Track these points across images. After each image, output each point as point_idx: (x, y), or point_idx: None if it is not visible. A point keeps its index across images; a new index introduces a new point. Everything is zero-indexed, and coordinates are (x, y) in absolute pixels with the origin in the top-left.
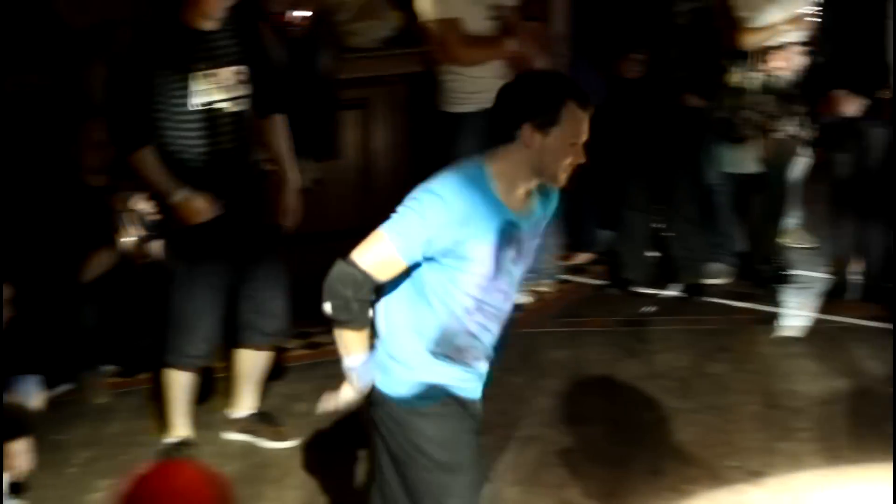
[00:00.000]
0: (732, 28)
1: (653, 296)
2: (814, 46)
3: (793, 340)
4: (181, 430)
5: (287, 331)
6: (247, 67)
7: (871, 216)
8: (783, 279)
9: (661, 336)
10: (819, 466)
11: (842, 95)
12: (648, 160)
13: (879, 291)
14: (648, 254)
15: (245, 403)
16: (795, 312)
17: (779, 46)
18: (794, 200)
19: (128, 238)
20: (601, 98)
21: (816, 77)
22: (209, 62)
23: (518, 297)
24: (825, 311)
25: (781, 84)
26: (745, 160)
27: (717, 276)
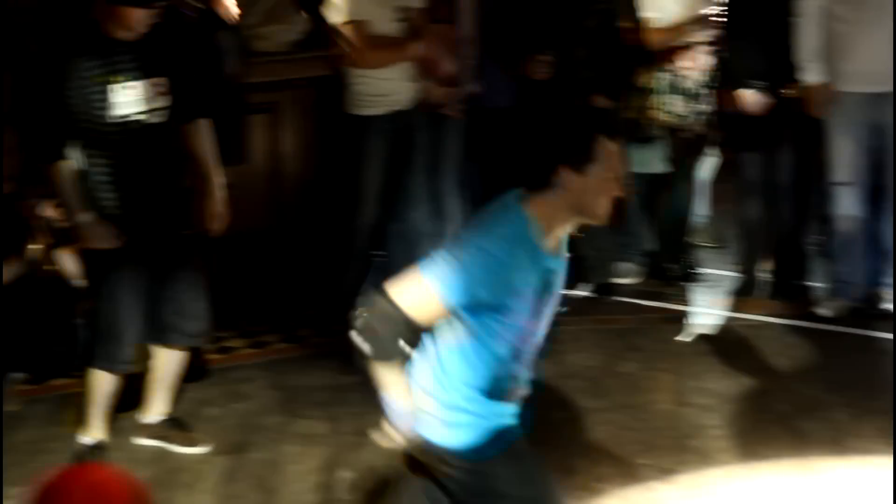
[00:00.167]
0: (639, 28)
1: (563, 296)
2: (720, 45)
3: (702, 338)
4: (97, 433)
5: (208, 332)
6: (167, 78)
7: (779, 215)
8: (692, 278)
9: (572, 336)
10: (729, 463)
11: (748, 94)
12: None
13: (787, 288)
14: None
15: (157, 408)
16: (705, 311)
17: (685, 46)
18: (703, 199)
19: (36, 246)
20: (509, 100)
21: (723, 76)
22: (128, 73)
23: None
24: (734, 309)
25: (688, 83)
26: (653, 160)
27: (627, 276)
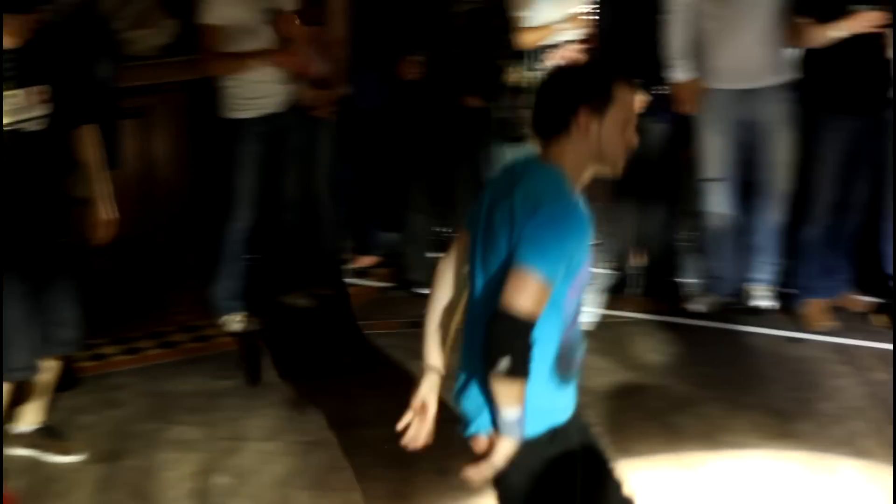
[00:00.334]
0: (510, 28)
1: None
2: (592, 44)
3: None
4: None
5: (82, 340)
6: (49, 86)
7: (652, 211)
8: None
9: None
10: None
11: None
12: (429, 162)
13: (660, 286)
14: (432, 255)
15: (31, 417)
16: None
17: (556, 45)
18: None
19: None
20: (381, 101)
21: None
22: (10, 82)
23: (304, 302)
24: (608, 307)
25: None
26: None
27: None
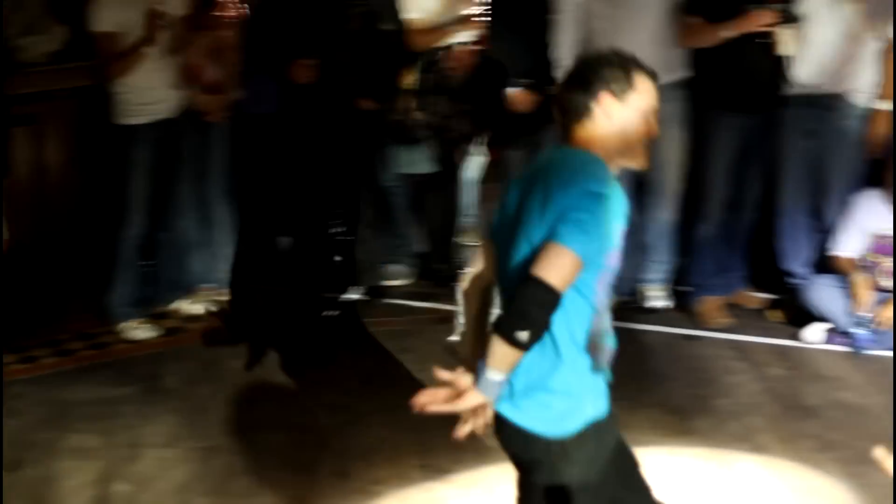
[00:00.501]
0: (402, 30)
1: (335, 300)
2: (483, 45)
3: None
4: None
5: None
6: None
7: None
8: (462, 278)
9: (344, 339)
10: (506, 460)
11: (514, 93)
12: (324, 165)
13: None
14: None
15: None
16: None
17: (449, 47)
18: (470, 199)
19: None
20: (274, 106)
21: (488, 76)
22: None
23: (200, 308)
24: None
25: (453, 84)
26: (421, 161)
27: (398, 278)
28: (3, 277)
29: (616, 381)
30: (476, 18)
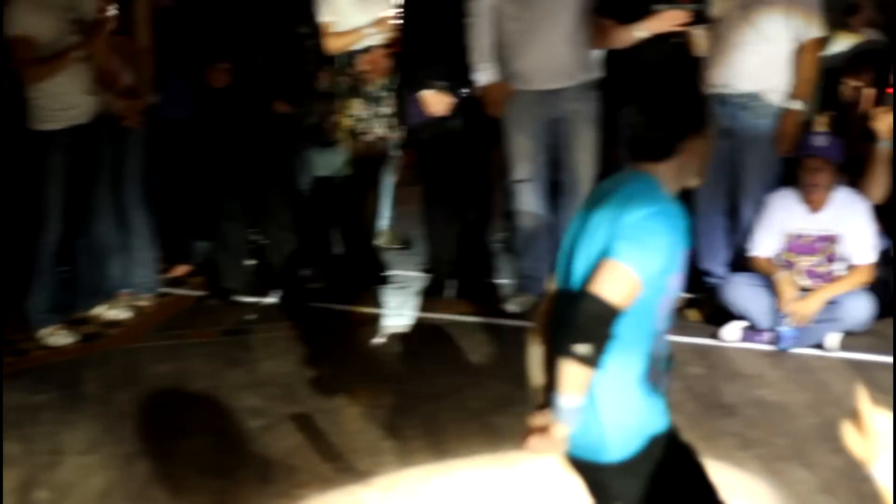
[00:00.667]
0: (317, 33)
1: (253, 304)
2: (399, 48)
3: (394, 340)
4: None
5: None
6: None
7: (463, 212)
8: (381, 280)
9: (264, 343)
10: (427, 462)
11: (429, 95)
12: (241, 169)
13: (474, 287)
14: (246, 262)
15: None
16: (395, 312)
17: (365, 50)
18: (387, 201)
19: None
20: (190, 110)
21: (404, 77)
22: None
23: (119, 313)
24: (425, 310)
25: (369, 87)
26: (337, 164)
27: (316, 281)
28: None
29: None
30: (391, 21)
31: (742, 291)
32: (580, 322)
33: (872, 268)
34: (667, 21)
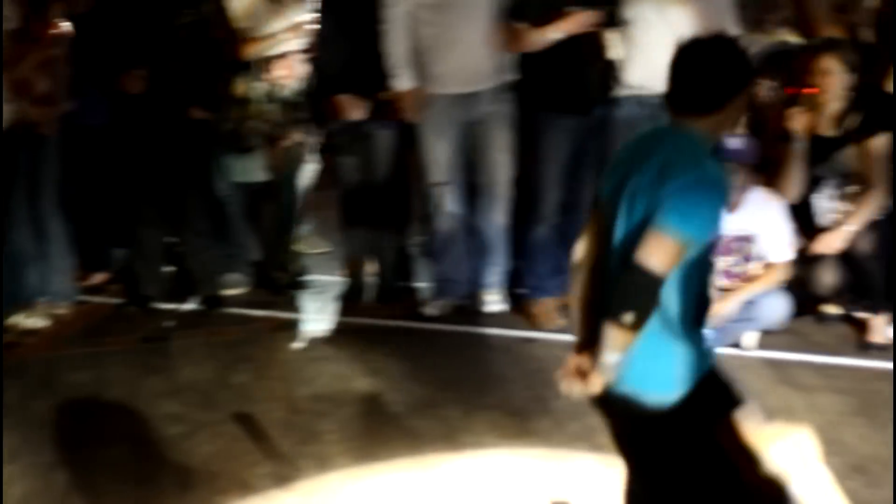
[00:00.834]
0: (233, 39)
1: (172, 311)
2: (315, 53)
3: (314, 345)
4: None
5: None
6: None
7: (381, 218)
8: (300, 285)
9: (183, 350)
10: (347, 466)
11: (344, 100)
12: (158, 176)
13: (393, 290)
14: (164, 269)
15: None
16: (314, 317)
17: (281, 55)
18: (305, 207)
19: None
20: (106, 116)
21: (319, 83)
22: None
23: (37, 322)
24: (343, 314)
25: (285, 92)
26: (254, 169)
27: (235, 287)
28: None
29: (455, 384)
30: (306, 26)
31: None
32: (627, 292)
33: (788, 266)
34: (579, 22)
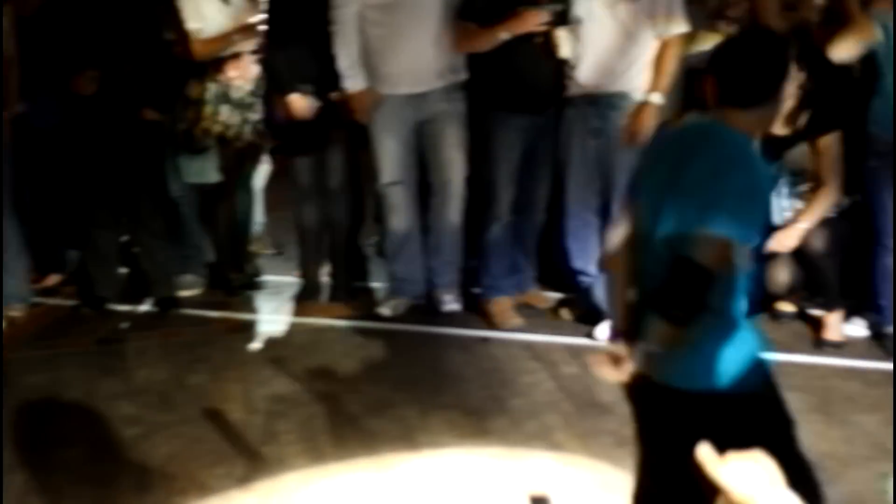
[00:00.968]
0: (186, 40)
1: (127, 312)
2: (266, 53)
3: (270, 346)
4: None
5: None
6: None
7: (335, 217)
8: (255, 286)
9: (139, 352)
10: (304, 467)
11: (296, 100)
12: (111, 177)
13: (348, 291)
14: (119, 271)
15: None
16: (270, 318)
17: (233, 56)
18: (259, 207)
19: None
20: (57, 118)
21: (271, 83)
22: None
23: None
24: (299, 315)
25: (237, 93)
26: (208, 170)
27: (190, 288)
28: None
29: (411, 385)
30: (257, 27)
31: None
32: (677, 288)
33: None
34: (528, 22)
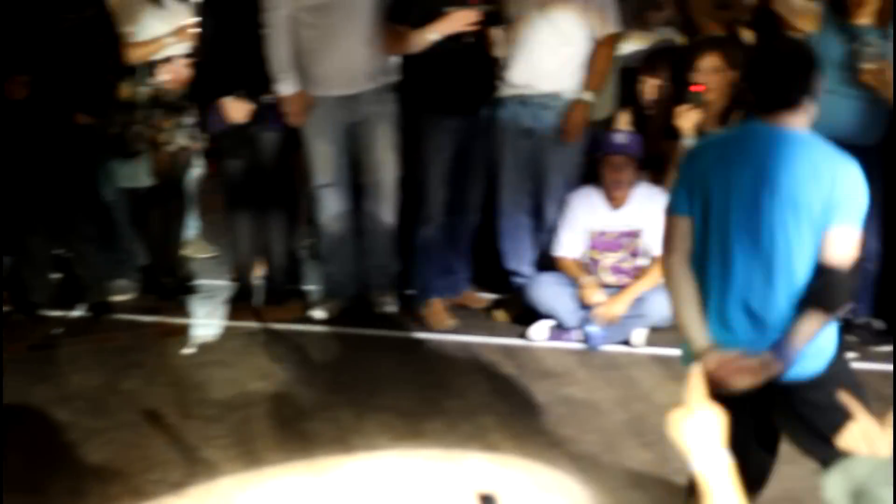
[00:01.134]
0: (117, 43)
1: (60, 318)
2: (199, 57)
3: (203, 350)
4: None
5: None
6: None
7: (268, 219)
8: (188, 290)
9: (71, 357)
10: (239, 471)
11: (229, 103)
12: (43, 182)
13: (282, 293)
14: (51, 276)
15: None
16: (203, 322)
17: (165, 59)
18: (192, 210)
19: None
20: None
21: (204, 86)
22: None
23: None
24: (233, 318)
25: (170, 96)
26: (140, 174)
27: (123, 293)
28: None
29: (346, 387)
30: (190, 30)
31: (548, 291)
32: (838, 293)
33: None
34: (457, 22)
